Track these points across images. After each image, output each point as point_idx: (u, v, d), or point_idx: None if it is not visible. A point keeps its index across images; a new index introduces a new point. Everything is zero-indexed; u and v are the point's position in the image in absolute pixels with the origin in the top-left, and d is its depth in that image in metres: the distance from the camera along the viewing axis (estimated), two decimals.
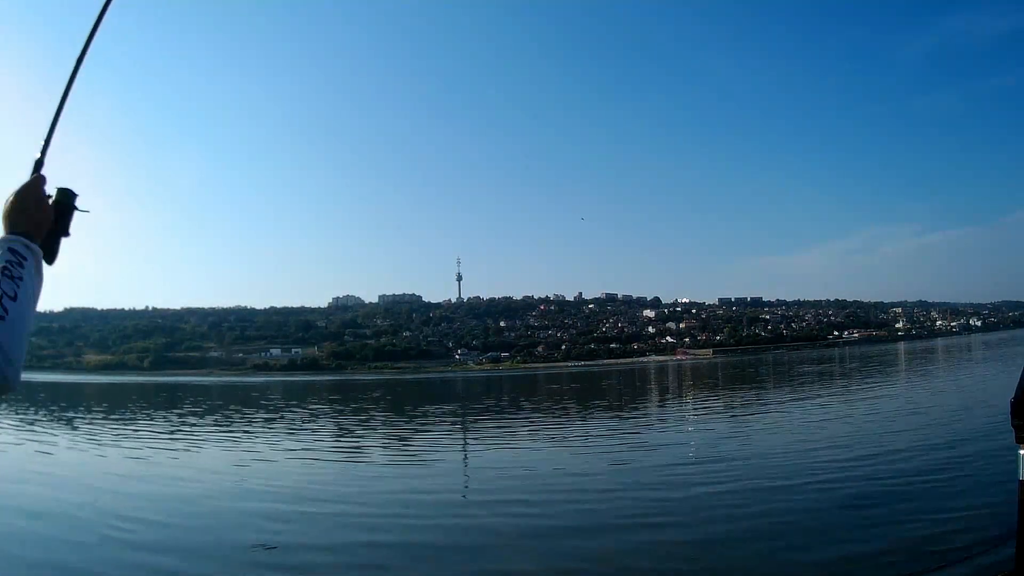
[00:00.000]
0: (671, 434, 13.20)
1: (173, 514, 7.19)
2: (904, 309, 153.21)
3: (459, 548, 5.74)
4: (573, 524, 6.24)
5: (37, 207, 1.32)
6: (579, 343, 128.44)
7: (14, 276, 1.20)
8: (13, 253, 1.23)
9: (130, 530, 6.38)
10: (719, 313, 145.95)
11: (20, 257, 1.23)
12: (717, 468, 8.56)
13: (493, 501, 7.50)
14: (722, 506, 6.59)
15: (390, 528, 6.43)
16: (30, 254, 1.26)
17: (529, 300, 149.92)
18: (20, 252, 1.24)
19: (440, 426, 17.67)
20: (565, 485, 8.24)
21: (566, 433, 14.16)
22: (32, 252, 1.26)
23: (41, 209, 1.32)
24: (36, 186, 1.33)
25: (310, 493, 8.24)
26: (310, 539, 6.07)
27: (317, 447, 13.14)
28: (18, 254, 1.23)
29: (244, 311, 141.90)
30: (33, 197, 1.32)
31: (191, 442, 14.40)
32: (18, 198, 1.30)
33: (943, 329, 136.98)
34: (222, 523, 6.82)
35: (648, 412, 19.33)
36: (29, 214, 1.30)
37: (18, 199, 1.30)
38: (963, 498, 6.48)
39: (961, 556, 4.83)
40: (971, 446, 9.35)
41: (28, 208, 1.30)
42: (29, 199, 1.31)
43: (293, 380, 72.03)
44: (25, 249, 1.25)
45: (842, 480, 7.56)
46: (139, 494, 7.77)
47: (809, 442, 10.62)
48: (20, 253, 1.24)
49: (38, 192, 1.33)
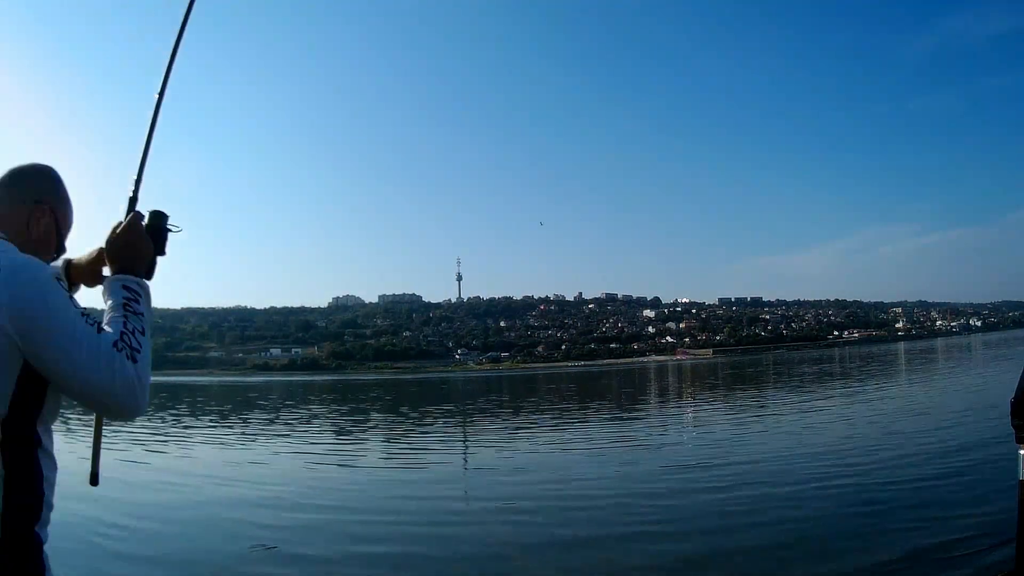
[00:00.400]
0: (673, 435, 13.09)
1: (164, 520, 7.06)
2: (904, 309, 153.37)
3: (462, 559, 5.57)
4: (582, 534, 5.99)
5: (140, 244, 1.42)
6: (579, 343, 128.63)
7: (136, 312, 1.30)
8: (128, 290, 1.33)
9: (119, 537, 6.28)
10: (719, 313, 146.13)
11: (135, 294, 1.34)
12: (722, 473, 8.35)
13: (495, 508, 7.30)
14: (730, 513, 6.35)
15: (387, 537, 6.23)
16: (142, 290, 1.36)
17: (529, 300, 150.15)
18: (134, 289, 1.34)
19: (440, 427, 17.60)
20: (569, 490, 8.05)
21: (567, 435, 14.01)
22: (143, 288, 1.37)
23: (143, 245, 1.42)
24: (136, 224, 1.43)
25: (305, 498, 8.03)
26: (305, 549, 5.93)
27: (312, 448, 12.89)
28: (132, 291, 1.34)
29: (244, 311, 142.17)
30: (135, 235, 1.42)
31: (183, 443, 14.30)
32: (121, 238, 1.40)
33: (943, 329, 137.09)
34: (210, 531, 6.65)
35: (649, 413, 19.25)
36: (134, 252, 1.40)
37: (121, 239, 1.40)
38: (963, 498, 6.44)
39: (961, 556, 4.78)
40: (971, 446, 9.27)
41: (132, 247, 1.40)
42: (132, 238, 1.41)
43: (293, 380, 71.92)
44: (137, 286, 1.36)
45: (845, 483, 7.46)
46: (127, 500, 7.59)
47: (810, 444, 10.54)
48: (135, 290, 1.34)
49: (138, 229, 1.43)
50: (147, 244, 1.43)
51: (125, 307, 1.30)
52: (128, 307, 1.30)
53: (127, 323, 1.27)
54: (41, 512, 1.22)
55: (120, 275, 1.37)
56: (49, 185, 1.43)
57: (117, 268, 1.39)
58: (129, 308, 1.30)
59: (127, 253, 1.39)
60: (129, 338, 1.23)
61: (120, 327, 1.25)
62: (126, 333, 1.24)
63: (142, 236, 1.43)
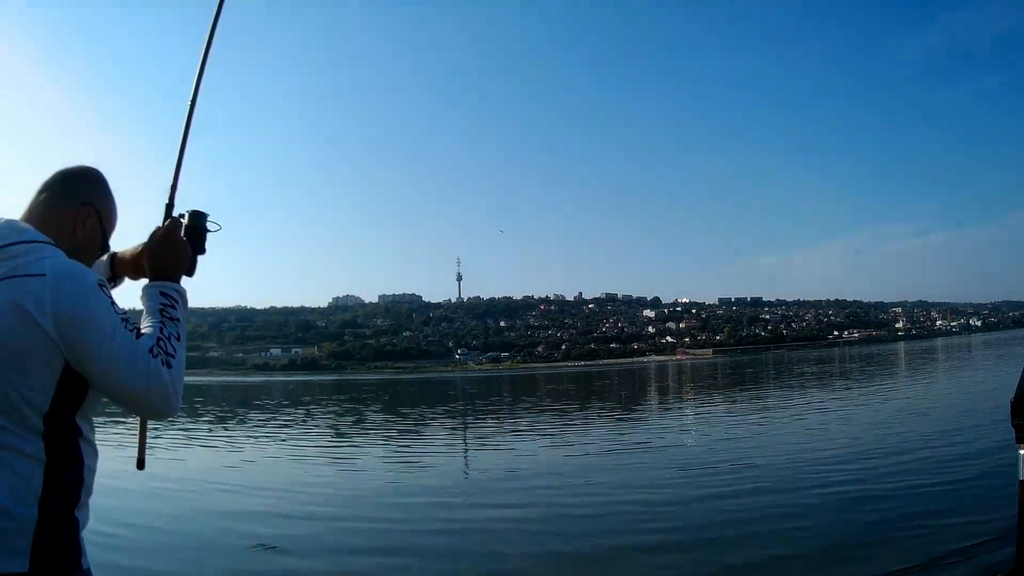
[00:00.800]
0: (675, 437, 12.98)
1: (158, 522, 6.96)
2: (904, 309, 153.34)
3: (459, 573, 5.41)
4: (585, 548, 5.74)
5: (178, 250, 1.47)
6: (579, 343, 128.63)
7: (173, 318, 1.36)
8: (166, 296, 1.39)
9: (116, 534, 6.23)
10: (719, 313, 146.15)
11: (172, 300, 1.39)
12: (725, 479, 8.11)
13: (496, 517, 7.00)
14: (733, 522, 6.21)
15: (382, 548, 6.03)
16: (179, 296, 1.42)
17: (529, 300, 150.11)
18: (172, 295, 1.40)
19: (439, 428, 17.58)
20: (571, 496, 7.76)
21: (568, 437, 13.81)
22: (180, 294, 1.42)
23: (181, 251, 1.47)
24: (174, 230, 1.49)
25: (296, 505, 7.76)
26: (301, 559, 5.84)
27: (304, 452, 12.65)
28: (170, 296, 1.40)
29: (244, 311, 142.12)
30: (173, 241, 1.47)
31: (177, 444, 14.24)
32: (160, 244, 1.46)
33: (943, 329, 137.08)
34: (204, 539, 6.44)
35: (651, 414, 19.20)
36: (173, 258, 1.45)
37: (160, 245, 1.46)
38: (963, 498, 6.44)
39: (961, 557, 4.79)
40: (971, 446, 9.31)
41: (171, 253, 1.46)
42: (170, 244, 1.47)
43: (292, 380, 71.86)
44: (175, 292, 1.41)
45: (845, 485, 7.42)
46: (118, 507, 7.37)
47: (811, 446, 10.52)
48: (172, 296, 1.40)
49: (176, 235, 1.48)
50: (185, 249, 1.48)
51: (162, 312, 1.36)
52: (165, 312, 1.36)
53: (164, 329, 1.32)
54: (80, 496, 1.29)
55: (158, 282, 1.42)
56: (94, 187, 1.45)
57: (155, 274, 1.44)
58: (166, 314, 1.36)
59: (166, 259, 1.45)
60: (165, 344, 1.30)
61: (157, 333, 1.31)
62: (162, 339, 1.30)
63: (180, 241, 1.48)
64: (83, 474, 1.30)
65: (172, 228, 1.49)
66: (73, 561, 1.27)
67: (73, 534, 1.28)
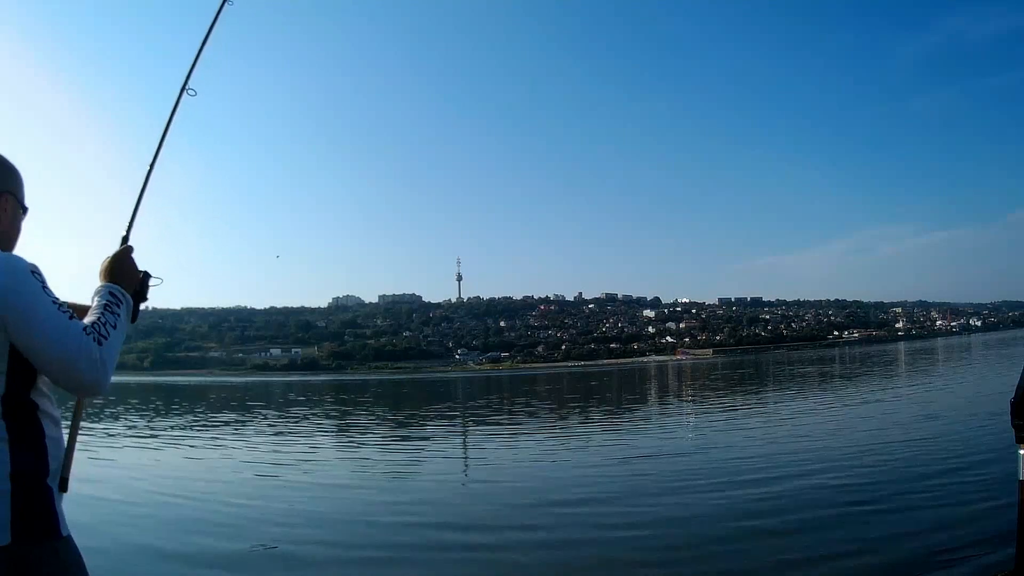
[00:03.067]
0: (680, 442, 12.83)
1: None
2: (904, 309, 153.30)
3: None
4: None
5: (128, 267, 1.67)
6: (579, 343, 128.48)
7: (113, 312, 1.52)
8: (111, 295, 1.56)
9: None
10: (719, 313, 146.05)
11: (117, 299, 1.56)
12: (735, 493, 7.46)
13: (503, 527, 6.59)
14: (748, 537, 6.07)
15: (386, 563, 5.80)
16: (124, 300, 1.58)
17: (529, 300, 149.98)
18: (118, 296, 1.57)
19: (438, 430, 17.54)
20: (578, 505, 7.27)
21: (570, 440, 13.53)
22: (125, 299, 1.59)
23: (132, 271, 1.67)
24: (127, 253, 1.71)
25: (270, 519, 7.10)
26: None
27: (283, 458, 12.18)
28: (115, 296, 1.56)
29: (244, 311, 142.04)
30: (125, 261, 1.68)
31: (165, 445, 14.17)
32: (115, 261, 1.66)
33: (943, 329, 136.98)
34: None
35: (653, 415, 19.12)
36: (124, 273, 1.64)
37: (115, 262, 1.66)
38: (963, 498, 6.44)
39: (961, 556, 4.79)
40: (971, 446, 9.30)
41: (122, 268, 1.65)
42: (124, 262, 1.67)
43: (292, 380, 71.82)
44: (121, 295, 1.58)
45: (846, 485, 7.44)
46: (105, 516, 7.08)
47: (811, 446, 10.55)
48: (117, 296, 1.57)
49: (128, 258, 1.69)
50: (134, 269, 1.68)
51: (105, 307, 1.51)
52: (108, 308, 1.51)
53: (101, 316, 1.48)
54: (48, 466, 1.42)
55: (108, 283, 1.59)
56: (8, 174, 1.55)
57: (106, 281, 1.62)
58: (108, 309, 1.51)
59: (117, 271, 1.64)
60: (99, 327, 1.44)
61: (94, 318, 1.47)
62: (98, 323, 1.45)
63: (130, 261, 1.69)
64: (46, 444, 1.42)
65: (125, 251, 1.71)
66: (52, 529, 1.39)
67: (48, 503, 1.39)
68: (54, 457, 1.43)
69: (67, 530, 1.43)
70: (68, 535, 1.43)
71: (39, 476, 1.38)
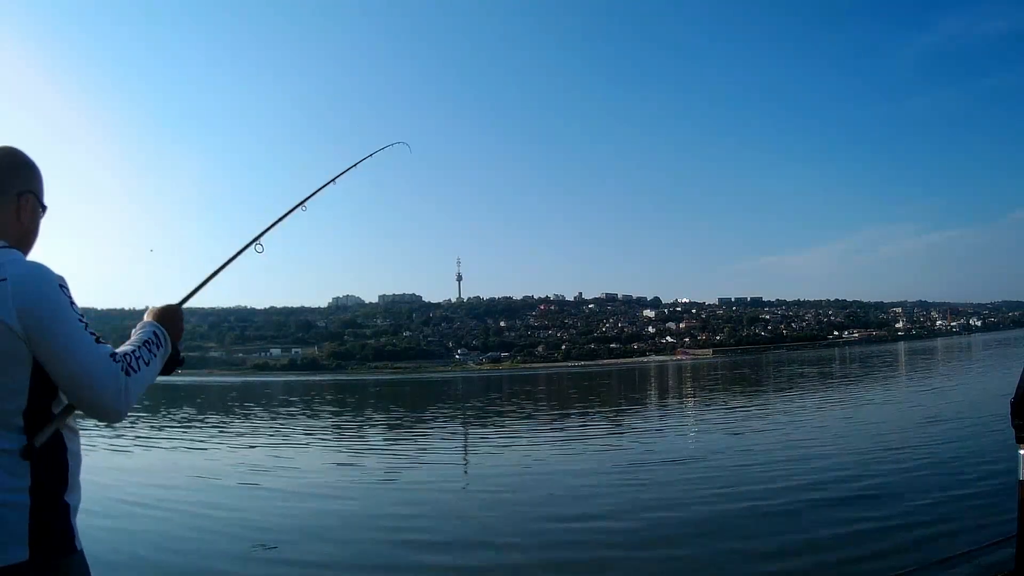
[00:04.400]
0: (684, 444, 12.69)
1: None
2: (904, 309, 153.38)
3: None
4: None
5: (178, 324, 1.67)
6: (579, 343, 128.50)
7: (151, 350, 1.49)
8: (155, 335, 1.54)
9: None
10: (719, 313, 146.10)
11: (159, 340, 1.54)
12: (748, 504, 7.01)
13: (509, 543, 6.09)
14: (712, 519, 6.10)
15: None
16: (166, 343, 1.57)
17: (529, 300, 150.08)
18: (161, 337, 1.56)
19: (438, 431, 17.48)
20: (581, 523, 6.72)
21: (572, 443, 13.18)
22: (166, 341, 1.58)
23: (179, 327, 1.67)
24: (180, 311, 1.71)
25: (253, 530, 6.63)
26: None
27: (278, 458, 11.96)
28: (159, 337, 1.55)
29: (244, 311, 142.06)
30: (177, 316, 1.68)
31: (152, 446, 14.02)
32: (170, 310, 1.67)
33: (943, 329, 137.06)
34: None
35: (655, 417, 19.02)
36: (173, 325, 1.64)
37: (170, 311, 1.67)
38: (964, 498, 6.43)
39: (961, 557, 4.78)
40: (971, 446, 9.28)
41: (174, 321, 1.65)
42: (177, 317, 1.68)
43: (292, 380, 71.73)
44: (165, 339, 1.57)
45: (845, 485, 7.40)
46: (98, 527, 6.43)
47: (812, 446, 10.51)
48: (160, 338, 1.56)
49: (180, 315, 1.70)
50: (182, 328, 1.69)
51: (144, 343, 1.49)
52: (147, 345, 1.49)
53: (137, 351, 1.44)
54: (68, 481, 1.39)
55: (156, 323, 1.59)
56: (28, 172, 1.49)
57: (154, 321, 1.62)
58: (147, 344, 1.49)
59: (168, 321, 1.63)
60: (132, 358, 1.40)
61: (129, 349, 1.43)
62: (131, 355, 1.41)
63: (181, 320, 1.69)
64: (67, 459, 1.38)
65: (180, 307, 1.73)
66: (68, 544, 1.36)
67: (66, 518, 1.36)
68: (74, 472, 1.41)
69: (81, 545, 1.40)
70: (81, 550, 1.41)
71: (58, 491, 1.35)
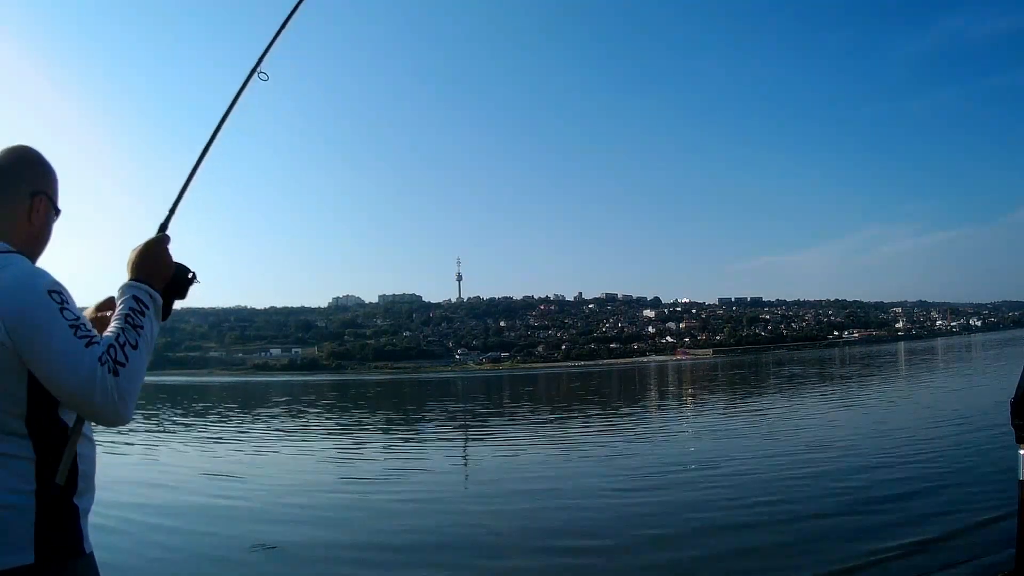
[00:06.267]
0: (687, 445, 12.59)
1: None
2: (904, 309, 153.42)
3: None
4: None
5: (161, 261, 1.47)
6: (579, 343, 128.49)
7: (136, 325, 1.33)
8: (137, 301, 1.37)
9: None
10: (719, 313, 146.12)
11: (143, 305, 1.37)
12: (748, 515, 6.58)
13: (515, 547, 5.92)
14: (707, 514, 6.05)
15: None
16: (152, 302, 1.40)
17: (529, 300, 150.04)
18: (143, 300, 1.38)
19: (437, 433, 17.46)
20: (584, 517, 6.71)
21: (573, 445, 13.10)
22: (153, 300, 1.41)
23: (165, 264, 1.47)
24: (161, 243, 1.49)
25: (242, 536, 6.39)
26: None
27: (291, 458, 12.15)
28: (141, 302, 1.37)
29: (244, 311, 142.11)
30: (159, 251, 1.47)
31: (151, 447, 13.99)
32: (145, 251, 1.46)
33: (943, 329, 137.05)
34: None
35: (656, 418, 19.02)
36: (155, 266, 1.45)
37: (145, 252, 1.45)
38: (964, 499, 6.43)
39: (961, 556, 4.79)
40: (971, 446, 9.29)
41: (153, 259, 1.45)
42: (156, 254, 1.47)
43: (292, 380, 71.70)
44: (148, 298, 1.39)
45: (845, 484, 7.39)
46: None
47: (812, 446, 10.50)
48: (143, 301, 1.38)
49: (163, 248, 1.48)
50: (169, 263, 1.48)
51: (126, 318, 1.33)
52: (129, 319, 1.33)
53: (120, 336, 1.30)
54: (77, 484, 1.34)
55: (135, 283, 1.40)
56: (40, 172, 1.43)
57: (132, 276, 1.42)
58: (130, 320, 1.33)
59: (147, 264, 1.44)
60: (116, 351, 1.27)
61: (111, 340, 1.29)
62: (114, 346, 1.27)
63: (165, 253, 1.48)
64: (76, 463, 1.34)
65: (160, 239, 1.49)
66: (76, 547, 1.33)
67: (74, 521, 1.33)
68: (85, 475, 1.36)
69: (90, 547, 1.37)
70: (91, 552, 1.37)
71: (66, 494, 1.32)
